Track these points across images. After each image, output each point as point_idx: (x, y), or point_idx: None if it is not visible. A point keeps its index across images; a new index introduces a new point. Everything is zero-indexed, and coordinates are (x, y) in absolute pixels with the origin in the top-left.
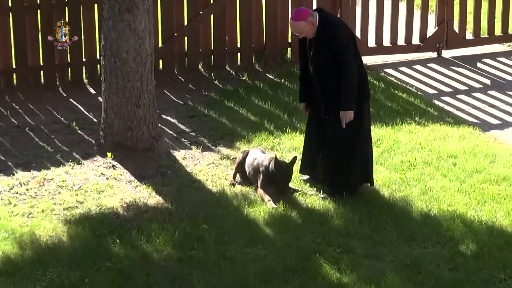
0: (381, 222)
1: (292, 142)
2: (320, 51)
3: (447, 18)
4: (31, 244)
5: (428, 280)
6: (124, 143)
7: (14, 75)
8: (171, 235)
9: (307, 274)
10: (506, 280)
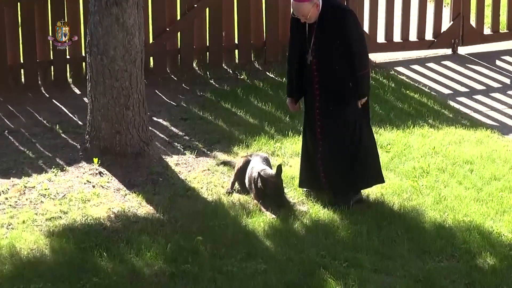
0: (391, 234)
1: (294, 146)
2: (327, 36)
3: (463, 12)
4: (10, 258)
5: None
6: (112, 148)
7: None
8: (163, 248)
9: None
10: None
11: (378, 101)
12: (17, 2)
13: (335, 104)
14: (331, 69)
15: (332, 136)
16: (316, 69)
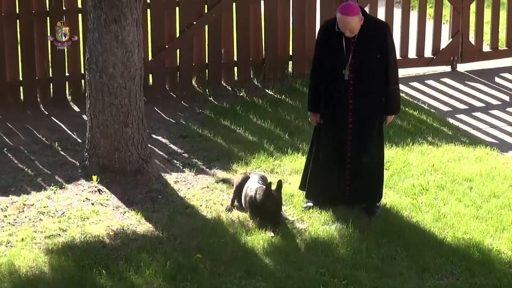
0: (390, 251)
1: (294, 164)
2: (367, 51)
3: (462, 29)
4: (9, 275)
5: None
6: (111, 165)
7: None
8: (162, 266)
9: None
10: None
11: None
12: (16, 19)
13: (368, 119)
14: (368, 84)
15: (363, 150)
16: (352, 84)
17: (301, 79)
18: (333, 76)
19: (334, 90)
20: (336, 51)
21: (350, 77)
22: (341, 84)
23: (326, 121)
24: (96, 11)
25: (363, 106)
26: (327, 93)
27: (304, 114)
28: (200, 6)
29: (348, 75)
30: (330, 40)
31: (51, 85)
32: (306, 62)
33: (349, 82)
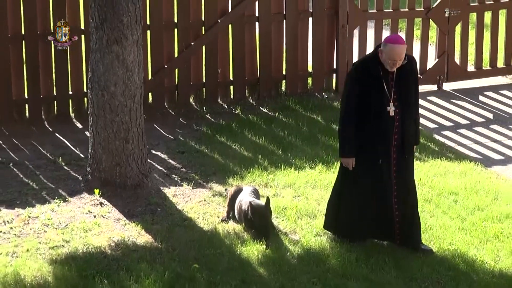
0: (379, 261)
1: (287, 178)
2: (406, 85)
3: (448, 50)
4: (15, 285)
5: None
6: (112, 179)
7: None
8: (161, 276)
9: None
10: None
11: None
12: (22, 40)
13: (408, 152)
14: (409, 117)
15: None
16: (398, 119)
17: (293, 97)
18: (376, 114)
19: (378, 127)
20: (377, 88)
21: (396, 112)
22: (386, 120)
23: (365, 160)
24: (98, 32)
25: (404, 140)
26: (367, 132)
27: (297, 130)
28: (198, 28)
29: (393, 111)
30: (367, 79)
31: (55, 102)
32: (299, 82)
33: (395, 118)
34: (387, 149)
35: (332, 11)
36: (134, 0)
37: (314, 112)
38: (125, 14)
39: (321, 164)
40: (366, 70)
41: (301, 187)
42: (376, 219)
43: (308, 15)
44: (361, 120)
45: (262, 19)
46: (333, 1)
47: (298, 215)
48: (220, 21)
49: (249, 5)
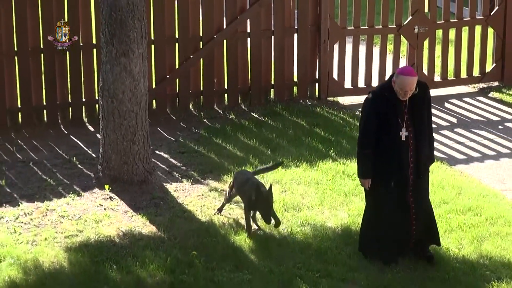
0: (356, 249)
1: (275, 175)
2: (419, 110)
3: (417, 62)
4: (34, 269)
5: None
6: (121, 176)
7: (19, 114)
8: (164, 261)
9: None
10: None
11: (346, 137)
12: (41, 53)
13: (422, 173)
14: (422, 141)
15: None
16: (412, 143)
17: (281, 104)
18: (392, 140)
19: (392, 152)
20: (392, 115)
21: (409, 137)
22: (401, 145)
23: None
24: (108, 46)
25: (418, 163)
26: (382, 156)
27: (284, 133)
28: (196, 43)
29: (405, 136)
30: (382, 105)
31: (70, 108)
32: (285, 90)
33: (408, 143)
34: (403, 172)
35: (315, 28)
36: (139, 18)
37: (298, 117)
38: (132, 30)
39: (305, 163)
40: (382, 97)
41: (287, 183)
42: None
43: (294, 31)
44: (376, 144)
45: (253, 35)
46: (316, 18)
47: (285, 208)
48: (216, 37)
49: (242, 22)
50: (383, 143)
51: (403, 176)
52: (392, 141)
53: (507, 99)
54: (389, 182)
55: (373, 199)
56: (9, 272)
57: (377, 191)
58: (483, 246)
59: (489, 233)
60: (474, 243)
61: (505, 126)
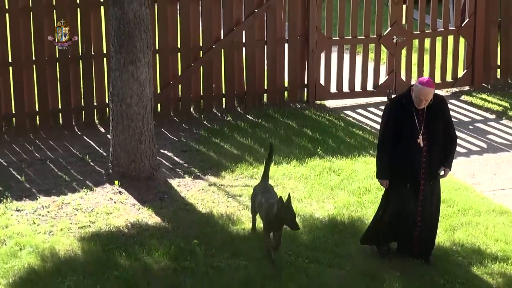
0: (342, 238)
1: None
2: (435, 120)
3: (396, 69)
4: (51, 257)
5: (381, 285)
6: (129, 173)
7: (37, 117)
8: (168, 249)
9: (281, 281)
10: (445, 285)
11: (332, 136)
12: (56, 62)
13: (434, 178)
14: (437, 149)
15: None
16: (426, 150)
17: (273, 107)
18: (407, 145)
19: (408, 156)
20: (408, 122)
21: (424, 144)
22: (415, 151)
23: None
24: (117, 55)
25: (431, 169)
26: (399, 159)
27: (276, 133)
28: (197, 52)
29: (422, 143)
30: (400, 113)
31: (83, 112)
32: (277, 94)
33: (423, 149)
34: (415, 176)
35: (303, 38)
36: (145, 30)
37: (289, 119)
38: (139, 41)
39: (295, 160)
40: (401, 104)
41: (279, 178)
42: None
43: (284, 41)
44: (394, 148)
45: (248, 44)
46: (304, 30)
47: None
48: (214, 46)
49: (238, 33)
50: (401, 148)
51: (415, 179)
52: (409, 147)
53: (477, 102)
54: (405, 183)
55: (388, 198)
56: (29, 259)
57: (391, 190)
58: (455, 234)
59: (461, 222)
60: (447, 232)
61: (475, 126)
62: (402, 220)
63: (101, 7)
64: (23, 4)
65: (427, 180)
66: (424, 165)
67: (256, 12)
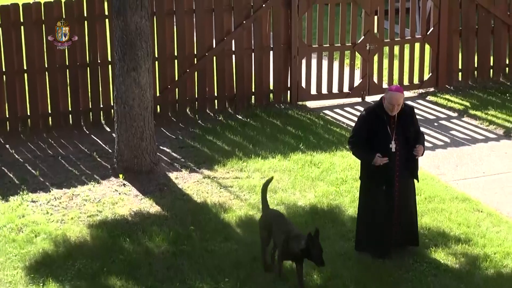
0: (322, 223)
1: (255, 165)
2: (407, 125)
3: (369, 73)
4: (63, 242)
5: (357, 266)
6: (132, 167)
7: (49, 118)
8: (167, 235)
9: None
10: (413, 264)
11: (312, 133)
12: (66, 69)
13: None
14: (408, 152)
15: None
16: (398, 154)
17: (260, 107)
18: (381, 150)
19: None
20: (382, 129)
21: (396, 149)
22: (389, 155)
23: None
24: (121, 62)
25: (404, 170)
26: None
27: (263, 131)
28: (191, 59)
29: (395, 148)
30: (374, 120)
31: (90, 113)
32: (264, 96)
33: (396, 153)
34: (391, 178)
35: (286, 46)
36: (145, 40)
37: (274, 118)
38: (140, 50)
39: (280, 154)
40: (374, 113)
41: (266, 171)
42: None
43: (270, 49)
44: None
45: (237, 52)
46: (287, 39)
47: None
48: (207, 54)
49: (228, 42)
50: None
51: (390, 180)
52: (382, 152)
53: (441, 102)
54: (381, 185)
55: (366, 199)
56: (43, 245)
57: (370, 193)
58: (423, 219)
59: (428, 209)
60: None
61: (439, 123)
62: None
63: (106, 20)
64: (36, 17)
65: (401, 182)
66: (397, 168)
67: (244, 23)
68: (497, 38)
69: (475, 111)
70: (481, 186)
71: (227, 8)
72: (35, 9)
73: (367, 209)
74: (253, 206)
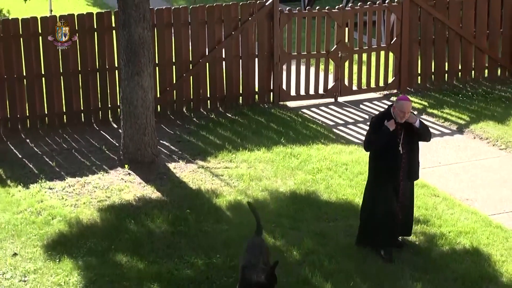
0: (301, 207)
1: (243, 156)
2: (412, 135)
3: (341, 76)
4: (76, 224)
5: (331, 243)
6: (136, 159)
7: (64, 116)
8: (167, 217)
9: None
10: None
11: (292, 129)
12: (79, 74)
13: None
14: (413, 156)
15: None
16: (405, 157)
17: (247, 107)
18: (390, 152)
19: (391, 162)
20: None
21: (404, 152)
22: (396, 157)
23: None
24: (126, 68)
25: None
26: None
27: (249, 127)
28: (187, 65)
29: (402, 150)
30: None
31: (100, 112)
32: (250, 97)
33: (402, 156)
34: (397, 177)
35: (269, 54)
36: (147, 48)
37: (259, 116)
38: (142, 57)
39: (264, 147)
40: (383, 119)
41: (252, 162)
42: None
43: (255, 56)
44: (380, 157)
45: (227, 59)
46: (270, 47)
47: (251, 179)
48: (201, 61)
49: (219, 50)
50: (385, 154)
51: (396, 180)
52: (391, 153)
53: None
54: (389, 184)
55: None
56: (59, 226)
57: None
58: None
59: None
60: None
61: None
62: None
63: (113, 31)
64: (53, 28)
65: (405, 181)
66: (402, 169)
67: (233, 34)
68: (451, 47)
69: (432, 109)
70: (437, 174)
71: (218, 21)
72: (51, 22)
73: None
74: (241, 192)
